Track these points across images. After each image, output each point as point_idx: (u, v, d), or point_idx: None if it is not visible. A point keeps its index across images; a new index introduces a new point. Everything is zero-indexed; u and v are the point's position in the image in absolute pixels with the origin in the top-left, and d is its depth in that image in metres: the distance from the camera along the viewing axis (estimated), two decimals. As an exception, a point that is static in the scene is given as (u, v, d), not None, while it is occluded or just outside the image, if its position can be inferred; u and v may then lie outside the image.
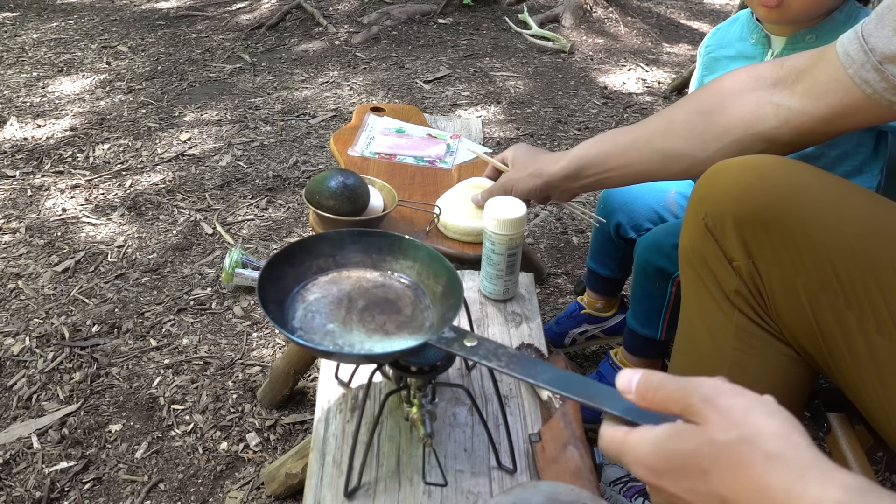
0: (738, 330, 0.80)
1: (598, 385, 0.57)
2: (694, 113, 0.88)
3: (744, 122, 0.83)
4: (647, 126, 0.94)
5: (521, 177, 1.06)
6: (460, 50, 3.57)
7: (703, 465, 0.46)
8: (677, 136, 0.89)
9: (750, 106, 0.82)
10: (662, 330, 1.27)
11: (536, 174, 1.04)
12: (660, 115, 0.95)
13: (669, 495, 0.48)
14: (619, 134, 0.98)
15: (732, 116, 0.84)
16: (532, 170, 1.05)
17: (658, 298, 1.24)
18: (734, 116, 0.84)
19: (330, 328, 0.75)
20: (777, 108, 0.80)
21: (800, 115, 0.79)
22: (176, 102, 2.99)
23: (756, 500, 0.44)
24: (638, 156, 0.93)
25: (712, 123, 0.85)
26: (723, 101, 0.85)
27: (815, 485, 0.42)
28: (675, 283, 1.20)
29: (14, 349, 1.63)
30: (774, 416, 0.46)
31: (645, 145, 0.93)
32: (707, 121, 0.86)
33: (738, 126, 0.83)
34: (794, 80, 0.79)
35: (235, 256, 1.79)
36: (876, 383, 0.70)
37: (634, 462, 0.50)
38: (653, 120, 0.95)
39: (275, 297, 0.77)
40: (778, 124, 0.81)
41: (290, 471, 1.19)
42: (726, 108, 0.84)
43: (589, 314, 1.55)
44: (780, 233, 0.74)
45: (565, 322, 1.57)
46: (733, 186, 0.77)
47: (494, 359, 0.65)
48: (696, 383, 0.49)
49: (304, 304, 0.78)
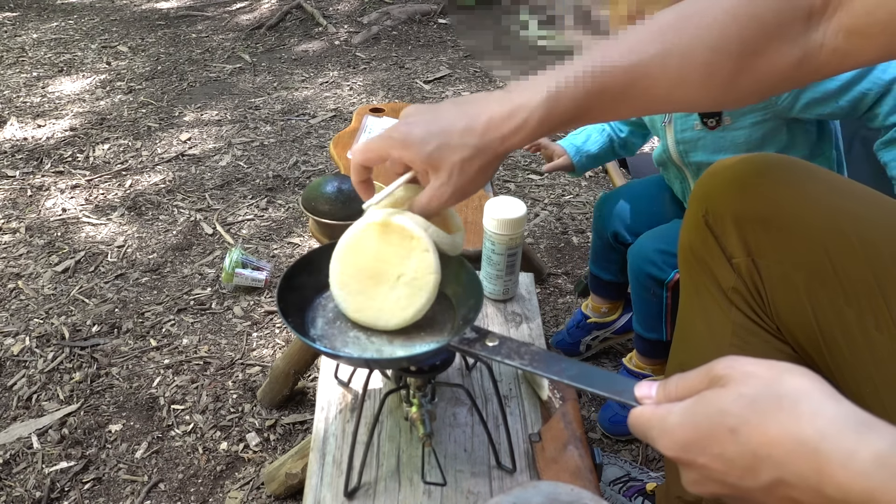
0: (736, 327, 0.80)
1: (623, 379, 0.56)
2: (716, 52, 0.62)
3: (783, 75, 0.63)
4: (665, 37, 0.62)
5: (442, 142, 0.63)
6: (460, 50, 3.57)
7: (731, 423, 0.44)
8: (697, 75, 0.62)
9: (785, 60, 0.62)
10: (667, 332, 1.29)
11: (469, 131, 0.62)
12: (670, 32, 0.62)
13: (699, 468, 0.47)
14: (635, 41, 0.62)
15: (763, 70, 0.62)
16: (460, 125, 0.63)
17: (655, 304, 1.26)
18: (764, 70, 0.62)
19: (352, 335, 0.75)
20: (819, 51, 0.61)
21: (843, 56, 0.61)
22: (176, 102, 2.99)
23: (788, 449, 0.42)
24: (678, 73, 0.62)
25: (742, 75, 0.63)
26: (752, 46, 0.61)
27: (850, 433, 0.41)
28: (669, 287, 1.22)
29: (14, 349, 1.63)
30: (801, 373, 0.45)
31: (680, 65, 0.62)
32: (734, 67, 0.62)
33: (777, 80, 0.64)
34: (835, 7, 0.60)
35: (235, 256, 1.79)
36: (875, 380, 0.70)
37: (661, 435, 0.49)
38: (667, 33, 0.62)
39: (295, 307, 0.76)
40: (817, 67, 0.63)
41: (290, 471, 1.19)
42: (756, 57, 0.62)
43: (595, 322, 1.56)
44: (780, 230, 0.74)
45: (575, 332, 1.59)
46: (734, 184, 0.77)
47: (517, 357, 0.65)
48: (717, 360, 0.48)
49: (324, 312, 0.78)
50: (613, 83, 0.61)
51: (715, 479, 0.46)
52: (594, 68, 0.60)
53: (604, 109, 0.63)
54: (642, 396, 0.53)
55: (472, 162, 0.62)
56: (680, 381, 0.50)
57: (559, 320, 1.73)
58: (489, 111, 0.62)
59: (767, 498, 0.44)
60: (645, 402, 0.52)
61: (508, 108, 0.61)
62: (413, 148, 0.63)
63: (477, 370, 0.93)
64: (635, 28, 0.62)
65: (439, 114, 0.64)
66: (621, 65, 0.60)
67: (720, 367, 0.47)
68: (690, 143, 1.15)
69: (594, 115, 0.63)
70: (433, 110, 0.65)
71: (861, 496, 0.39)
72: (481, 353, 0.67)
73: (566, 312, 1.76)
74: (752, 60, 0.60)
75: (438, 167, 0.63)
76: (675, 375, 0.51)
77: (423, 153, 0.63)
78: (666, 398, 0.51)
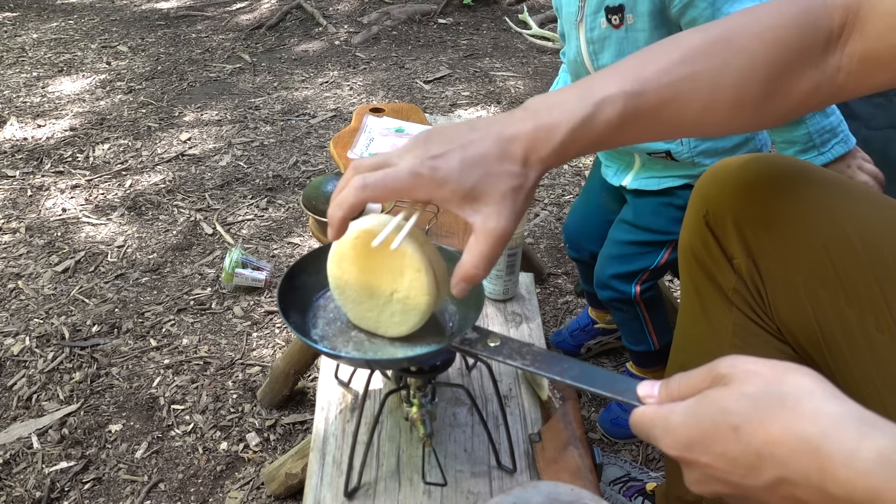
0: (737, 327, 0.80)
1: (625, 379, 0.56)
2: (746, 77, 0.61)
3: (803, 99, 0.63)
4: (693, 62, 0.60)
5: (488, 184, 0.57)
6: (460, 50, 3.57)
7: (734, 421, 0.44)
8: (726, 100, 0.62)
9: (806, 84, 0.61)
10: (653, 341, 1.32)
11: (508, 157, 0.57)
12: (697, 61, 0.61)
13: (702, 467, 0.47)
14: (660, 62, 0.60)
15: (788, 94, 0.62)
16: (495, 151, 0.57)
17: (634, 320, 1.29)
18: (789, 94, 0.62)
19: (353, 335, 0.74)
20: (836, 74, 0.61)
21: (858, 81, 0.61)
22: (176, 102, 2.99)
23: (791, 447, 0.42)
24: (708, 97, 0.60)
25: (770, 99, 0.62)
26: (779, 70, 0.61)
27: (853, 431, 0.41)
28: (638, 301, 1.26)
29: (14, 349, 1.63)
30: (803, 372, 0.45)
31: (708, 87, 0.60)
32: (763, 91, 0.62)
33: (797, 104, 0.64)
34: (850, 31, 0.61)
35: (235, 256, 1.79)
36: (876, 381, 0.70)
37: (664, 434, 0.49)
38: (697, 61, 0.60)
39: (295, 307, 0.76)
40: (835, 91, 0.63)
41: (290, 471, 1.19)
42: (783, 81, 0.61)
43: (602, 328, 1.58)
44: (781, 231, 0.74)
45: (580, 335, 1.60)
46: (735, 184, 0.77)
47: (519, 357, 0.64)
48: (719, 359, 0.48)
49: (324, 313, 0.78)
50: (646, 108, 0.58)
51: (718, 478, 0.46)
52: (627, 92, 0.58)
53: (636, 133, 0.61)
54: (644, 396, 0.53)
55: (521, 190, 0.57)
56: (682, 381, 0.50)
57: (559, 320, 1.74)
58: (523, 135, 0.57)
59: (770, 497, 0.44)
60: (647, 402, 0.52)
61: (545, 128, 0.57)
62: (449, 184, 0.55)
63: (477, 370, 0.93)
64: (662, 47, 0.61)
65: (465, 139, 0.57)
66: (654, 88, 0.58)
67: (722, 366, 0.47)
68: (599, 42, 1.14)
69: (625, 137, 0.61)
70: (455, 136, 0.58)
71: (864, 494, 0.39)
72: (483, 353, 0.67)
73: (566, 312, 1.77)
74: (779, 85, 0.60)
75: (485, 200, 0.56)
76: (677, 375, 0.51)
77: (464, 188, 0.55)
78: (668, 397, 0.51)
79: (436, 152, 0.56)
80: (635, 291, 1.24)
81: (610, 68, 0.61)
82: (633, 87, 0.58)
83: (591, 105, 0.57)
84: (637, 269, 1.24)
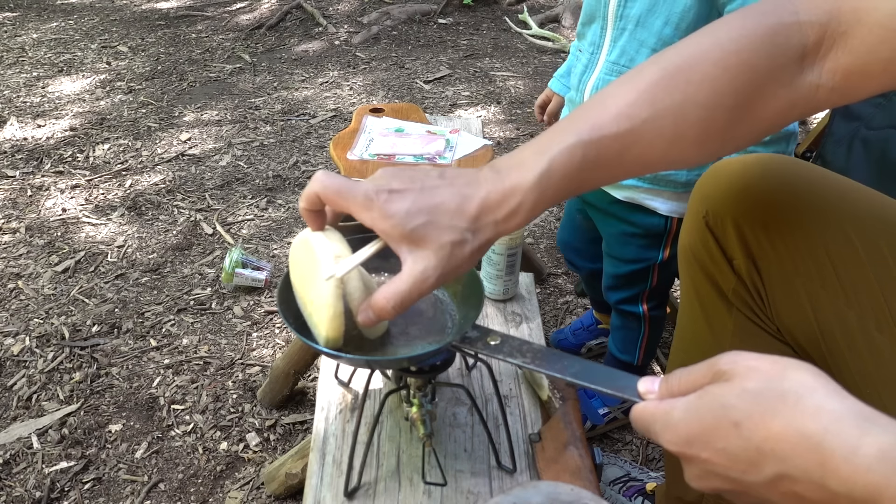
0: (736, 328, 0.80)
1: (626, 375, 0.57)
2: (711, 108, 0.60)
3: (777, 118, 0.62)
4: (655, 101, 0.59)
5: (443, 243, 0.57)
6: (460, 50, 3.57)
7: (735, 417, 0.44)
8: (692, 134, 0.61)
9: (779, 103, 0.60)
10: (639, 356, 1.34)
11: (460, 213, 0.57)
12: (658, 91, 0.59)
13: (703, 462, 0.47)
14: (622, 106, 0.59)
15: (758, 116, 0.61)
16: (451, 205, 0.57)
17: (632, 330, 1.32)
18: (759, 116, 0.61)
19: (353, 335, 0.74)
20: (815, 92, 0.60)
21: (841, 95, 0.60)
22: (176, 102, 2.99)
23: (792, 443, 0.42)
24: (672, 134, 0.59)
25: (739, 124, 0.62)
26: (746, 96, 0.60)
27: (853, 428, 0.41)
28: (645, 317, 1.29)
29: (14, 349, 1.63)
30: (804, 368, 0.45)
31: (665, 126, 0.60)
32: (730, 118, 0.61)
33: (771, 123, 0.63)
34: (829, 46, 0.59)
35: (235, 256, 1.79)
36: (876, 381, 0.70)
37: (665, 430, 0.49)
38: (658, 96, 0.59)
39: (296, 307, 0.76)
40: (814, 106, 0.61)
41: (290, 471, 1.19)
42: (751, 105, 0.60)
43: (606, 328, 1.59)
44: (781, 232, 0.74)
45: (582, 334, 1.61)
46: (735, 185, 0.77)
47: (520, 355, 0.64)
48: (720, 355, 0.48)
49: None
50: (607, 154, 0.58)
51: (718, 474, 0.46)
52: (585, 141, 0.57)
53: (600, 178, 0.60)
54: (645, 392, 0.53)
55: (463, 246, 0.57)
56: (683, 376, 0.50)
57: (559, 320, 1.74)
58: (482, 194, 0.57)
59: (770, 493, 0.44)
60: (648, 398, 0.52)
61: (501, 191, 0.57)
62: (393, 219, 0.56)
63: (477, 370, 0.93)
64: (619, 87, 0.60)
65: (427, 185, 0.58)
66: (613, 133, 0.57)
67: (723, 362, 0.47)
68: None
69: (589, 185, 0.61)
70: (420, 179, 0.58)
71: (865, 490, 0.39)
72: (483, 351, 0.67)
73: (566, 312, 1.77)
74: (748, 109, 0.59)
75: (421, 245, 0.57)
76: (677, 370, 0.51)
77: (406, 228, 0.56)
78: (669, 393, 0.51)
79: (395, 187, 0.57)
80: (643, 310, 1.28)
81: (569, 117, 0.60)
82: (591, 136, 0.57)
83: (547, 161, 0.57)
84: (636, 293, 1.27)
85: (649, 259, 1.21)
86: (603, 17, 1.10)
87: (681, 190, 1.12)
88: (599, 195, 1.22)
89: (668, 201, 1.14)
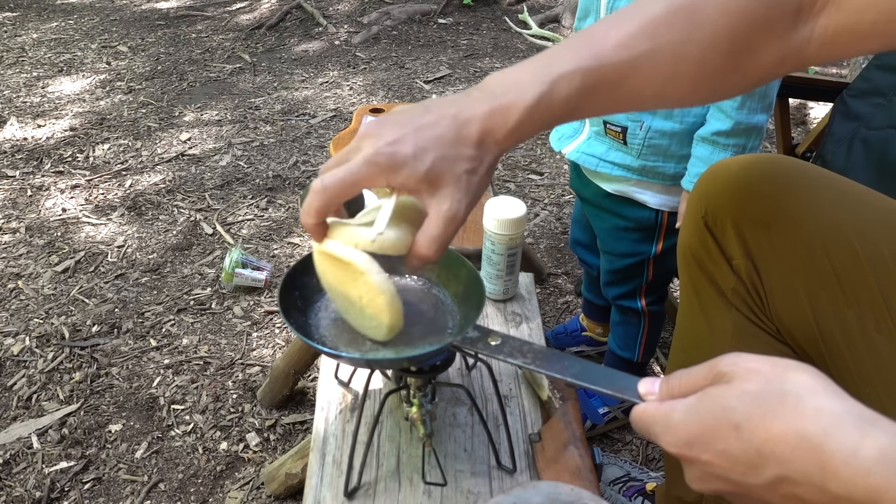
0: (736, 328, 0.80)
1: (626, 376, 0.56)
2: (708, 49, 0.60)
3: (768, 70, 0.63)
4: (657, 35, 0.59)
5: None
6: (460, 50, 3.57)
7: (735, 419, 0.44)
8: (688, 72, 0.61)
9: (771, 55, 0.61)
10: (639, 353, 1.35)
11: (463, 139, 0.57)
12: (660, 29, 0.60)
13: (703, 464, 0.47)
14: (619, 36, 0.59)
15: (751, 66, 0.61)
16: (450, 135, 0.57)
17: (633, 326, 1.33)
18: (752, 66, 0.62)
19: (353, 335, 0.74)
20: (806, 46, 0.60)
21: (830, 52, 0.61)
22: (176, 102, 2.99)
23: (792, 445, 0.42)
24: (670, 70, 0.60)
25: (733, 72, 0.62)
26: (742, 43, 0.60)
27: (854, 430, 0.41)
28: (644, 312, 1.29)
29: (14, 349, 1.63)
30: (804, 370, 0.45)
31: (671, 62, 0.60)
32: (725, 64, 0.61)
33: (762, 75, 0.64)
34: (823, 3, 0.59)
35: (235, 256, 1.79)
36: (875, 382, 0.70)
37: (665, 431, 0.48)
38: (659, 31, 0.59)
39: (296, 307, 0.76)
40: (803, 61, 0.62)
41: (290, 471, 1.19)
42: (746, 53, 0.61)
43: (590, 337, 1.59)
44: (780, 232, 0.74)
45: (564, 338, 1.61)
46: (734, 185, 0.77)
47: (520, 356, 0.64)
48: (720, 357, 0.48)
49: (325, 312, 0.78)
50: (605, 81, 0.58)
51: (718, 476, 0.46)
52: (584, 68, 0.57)
53: (594, 107, 0.60)
54: (645, 393, 0.53)
55: (477, 171, 0.57)
56: (683, 378, 0.50)
57: (559, 320, 1.74)
58: (479, 117, 0.57)
59: (771, 495, 0.44)
60: (648, 399, 0.52)
61: (499, 111, 0.57)
62: (406, 168, 0.55)
63: (477, 370, 0.93)
64: (622, 17, 0.60)
65: (419, 123, 0.57)
66: (612, 62, 0.57)
67: (724, 364, 0.47)
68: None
69: (584, 112, 0.61)
70: (409, 120, 0.57)
71: (865, 492, 0.39)
72: (484, 351, 0.67)
73: (566, 312, 1.77)
74: (741, 57, 0.59)
75: (440, 183, 0.56)
76: (677, 372, 0.51)
77: (420, 171, 0.55)
78: (669, 395, 0.50)
79: (390, 138, 0.56)
80: (641, 305, 1.29)
81: (567, 42, 0.60)
82: (591, 63, 0.57)
83: (548, 83, 0.56)
84: (633, 288, 1.28)
85: (643, 253, 1.22)
86: (596, 11, 1.12)
87: (669, 182, 1.13)
88: (592, 190, 1.23)
89: (658, 194, 1.15)
